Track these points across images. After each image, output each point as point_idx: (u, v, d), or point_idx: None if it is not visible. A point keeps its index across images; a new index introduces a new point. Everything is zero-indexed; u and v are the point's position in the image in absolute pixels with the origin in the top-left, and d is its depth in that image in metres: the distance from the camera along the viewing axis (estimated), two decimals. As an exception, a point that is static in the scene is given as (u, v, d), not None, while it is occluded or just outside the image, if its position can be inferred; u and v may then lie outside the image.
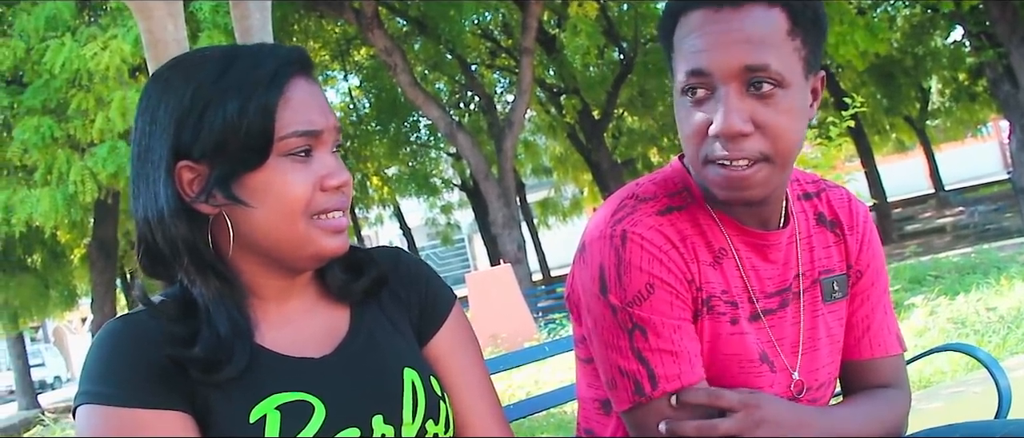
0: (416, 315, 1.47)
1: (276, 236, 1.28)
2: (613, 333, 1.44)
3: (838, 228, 1.62)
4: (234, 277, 1.30)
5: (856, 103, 8.05)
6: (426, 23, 17.05)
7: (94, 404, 1.21)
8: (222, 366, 1.23)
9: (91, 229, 17.04)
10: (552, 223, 28.24)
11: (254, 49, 1.31)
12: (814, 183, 1.67)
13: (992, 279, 7.57)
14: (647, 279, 1.43)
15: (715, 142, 1.38)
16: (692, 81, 1.39)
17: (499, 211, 15.17)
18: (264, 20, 5.77)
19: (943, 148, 32.12)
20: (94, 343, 1.26)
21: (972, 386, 3.51)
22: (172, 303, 1.29)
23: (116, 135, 11.84)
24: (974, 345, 2.26)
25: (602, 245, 1.46)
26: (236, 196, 1.26)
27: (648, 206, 1.49)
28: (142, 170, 1.29)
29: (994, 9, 14.04)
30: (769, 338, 1.53)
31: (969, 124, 29.43)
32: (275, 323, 1.35)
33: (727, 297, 1.49)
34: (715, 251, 1.50)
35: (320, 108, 1.31)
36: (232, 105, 1.24)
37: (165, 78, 1.30)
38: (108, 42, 11.09)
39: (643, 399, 1.42)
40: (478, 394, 1.47)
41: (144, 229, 1.30)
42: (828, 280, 1.59)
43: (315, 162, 1.29)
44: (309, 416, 1.26)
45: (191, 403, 1.24)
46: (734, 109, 1.35)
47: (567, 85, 19.79)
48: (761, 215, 1.51)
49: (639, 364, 1.42)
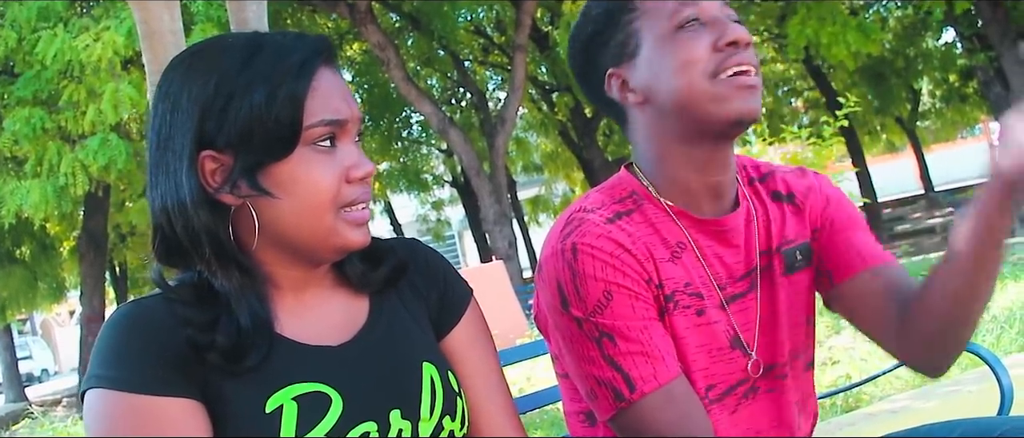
0: (434, 308, 1.46)
1: (302, 228, 1.26)
2: (583, 345, 1.45)
3: (797, 199, 1.63)
4: (255, 268, 1.28)
5: (850, 103, 8.08)
6: (419, 19, 17.04)
7: (103, 388, 1.18)
8: (243, 356, 1.21)
9: (81, 221, 16.99)
10: (543, 220, 28.27)
11: (279, 37, 1.28)
12: (763, 167, 1.70)
13: (984, 279, 7.57)
14: (603, 287, 1.44)
15: (726, 54, 1.46)
16: (688, 13, 1.48)
17: (491, 208, 15.17)
18: (260, 13, 5.74)
19: (933, 149, 32.24)
20: (106, 326, 1.23)
21: (968, 385, 3.52)
22: (188, 288, 1.27)
23: (107, 127, 11.81)
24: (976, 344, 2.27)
25: (555, 261, 1.48)
26: (262, 187, 1.23)
27: (595, 216, 1.51)
28: (162, 159, 1.26)
29: (986, 11, 14.10)
30: (741, 322, 1.55)
31: (959, 125, 29.56)
32: (293, 312, 1.33)
33: (691, 289, 1.51)
34: (672, 246, 1.52)
35: (344, 97, 1.29)
36: (259, 94, 1.22)
37: (187, 65, 1.27)
38: (100, 34, 11.05)
39: (624, 404, 1.43)
40: (493, 390, 1.45)
41: (162, 219, 1.27)
42: (790, 251, 1.59)
43: (340, 153, 1.27)
44: (326, 408, 1.24)
45: (204, 391, 1.21)
46: (739, 23, 1.48)
47: (559, 82, 19.78)
48: (721, 189, 1.54)
49: (613, 371, 1.43)
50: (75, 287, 21.53)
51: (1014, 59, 14.02)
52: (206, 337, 1.21)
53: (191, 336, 1.20)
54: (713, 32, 1.46)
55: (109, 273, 21.24)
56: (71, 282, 22.26)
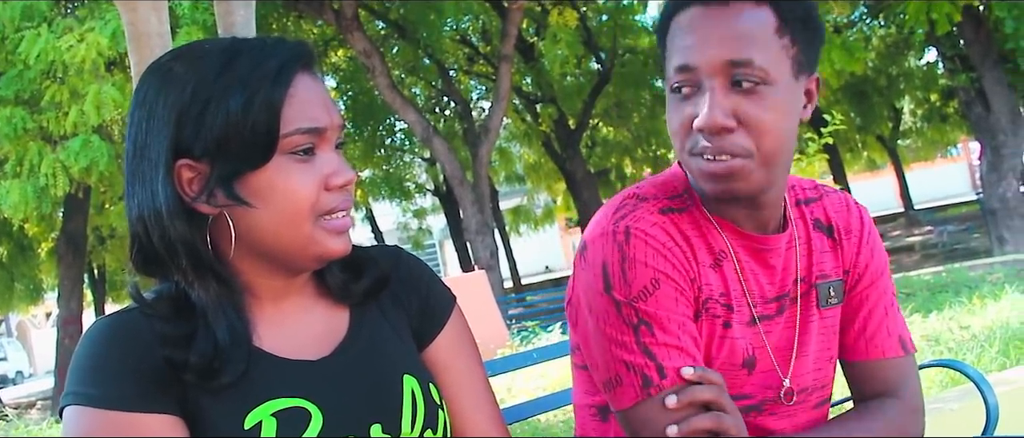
0: (416, 318, 1.44)
1: (280, 237, 1.24)
2: (618, 329, 1.42)
3: (835, 233, 1.62)
4: (233, 278, 1.26)
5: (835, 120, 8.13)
6: (405, 27, 17.02)
7: (81, 406, 1.17)
8: (219, 374, 1.19)
9: (60, 223, 16.85)
10: (524, 231, 28.26)
11: (258, 43, 1.26)
12: (813, 189, 1.68)
13: (964, 298, 7.64)
14: (652, 274, 1.42)
15: (699, 136, 1.40)
16: (679, 77, 1.42)
17: (473, 217, 15.14)
18: (248, 17, 5.71)
19: (913, 167, 32.44)
20: (83, 341, 1.21)
21: (949, 403, 3.53)
22: (166, 301, 1.25)
23: (90, 129, 11.71)
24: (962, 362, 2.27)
25: (604, 242, 1.45)
26: (239, 196, 1.21)
27: (649, 205, 1.50)
28: (138, 167, 1.24)
29: (968, 32, 14.19)
30: (763, 343, 1.53)
31: (939, 145, 29.80)
32: (272, 323, 1.31)
33: (724, 300, 1.49)
34: (715, 253, 1.50)
35: (324, 104, 1.27)
36: (235, 101, 1.19)
37: (164, 71, 1.25)
38: (85, 35, 10.95)
39: (652, 390, 1.39)
40: (478, 399, 1.44)
41: (139, 228, 1.25)
42: (824, 285, 1.58)
43: (319, 160, 1.25)
44: (306, 423, 1.22)
45: (183, 406, 1.19)
46: (717, 104, 1.37)
47: (544, 93, 19.80)
48: (759, 219, 1.51)
49: (646, 358, 1.40)
50: (52, 289, 21.37)
51: (995, 80, 14.12)
52: (182, 355, 1.19)
53: (167, 355, 1.19)
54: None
55: (87, 275, 21.07)
56: (49, 284, 22.10)
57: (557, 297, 16.43)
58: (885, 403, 1.58)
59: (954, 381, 4.36)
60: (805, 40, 1.43)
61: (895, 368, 1.60)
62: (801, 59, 1.43)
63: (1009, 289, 7.45)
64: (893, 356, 1.60)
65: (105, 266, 21.83)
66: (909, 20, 12.86)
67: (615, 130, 23.07)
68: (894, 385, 1.59)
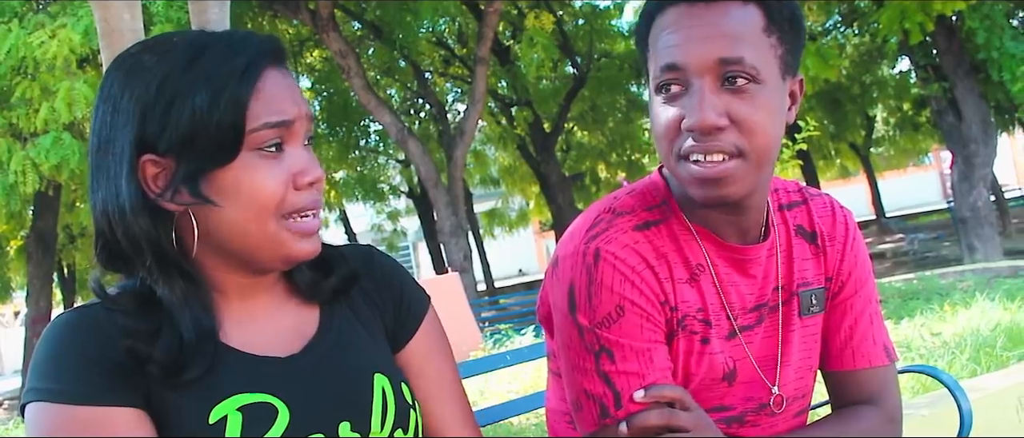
0: (390, 318, 1.42)
1: (245, 237, 1.22)
2: (579, 354, 1.41)
3: (819, 240, 1.59)
4: (199, 275, 1.24)
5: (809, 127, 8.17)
6: (381, 28, 16.97)
7: (43, 402, 1.14)
8: (183, 370, 1.17)
9: (30, 221, 16.68)
10: (498, 234, 28.23)
11: (225, 37, 1.23)
12: (797, 192, 1.64)
13: (935, 305, 7.69)
14: (617, 301, 1.40)
15: (689, 137, 1.36)
16: (666, 76, 1.38)
17: (447, 219, 15.10)
18: (222, 16, 5.67)
19: (885, 176, 32.71)
20: (44, 337, 1.19)
21: (920, 408, 3.54)
22: (130, 296, 1.22)
23: (61, 126, 11.60)
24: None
25: (574, 262, 1.43)
26: (204, 195, 1.19)
27: (625, 221, 1.46)
28: (102, 162, 1.21)
29: (941, 42, 14.31)
30: (744, 354, 1.51)
31: (911, 153, 30.02)
32: (239, 321, 1.28)
33: (702, 315, 1.47)
34: (692, 268, 1.47)
35: (292, 97, 1.24)
36: (201, 97, 1.17)
37: (129, 64, 1.22)
38: (56, 31, 10.83)
39: (608, 420, 1.39)
40: (451, 401, 1.43)
41: (103, 224, 1.22)
42: (806, 293, 1.56)
43: (288, 157, 1.23)
44: (272, 419, 1.20)
45: (147, 399, 1.17)
46: (708, 102, 1.33)
47: (519, 97, 19.80)
48: (741, 225, 1.48)
49: (605, 386, 1.39)
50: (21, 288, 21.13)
51: (967, 89, 14.24)
52: (146, 348, 1.16)
53: (131, 346, 1.16)
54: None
55: (57, 274, 20.87)
56: (17, 282, 21.86)
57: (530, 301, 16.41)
58: (865, 410, 1.57)
59: (925, 387, 4.38)
60: (791, 40, 1.41)
61: (878, 377, 1.59)
62: (787, 59, 1.41)
63: (979, 297, 7.49)
64: (879, 365, 1.59)
65: (75, 265, 21.64)
66: (883, 29, 12.96)
67: (590, 134, 23.10)
68: (876, 393, 1.58)
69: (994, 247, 14.27)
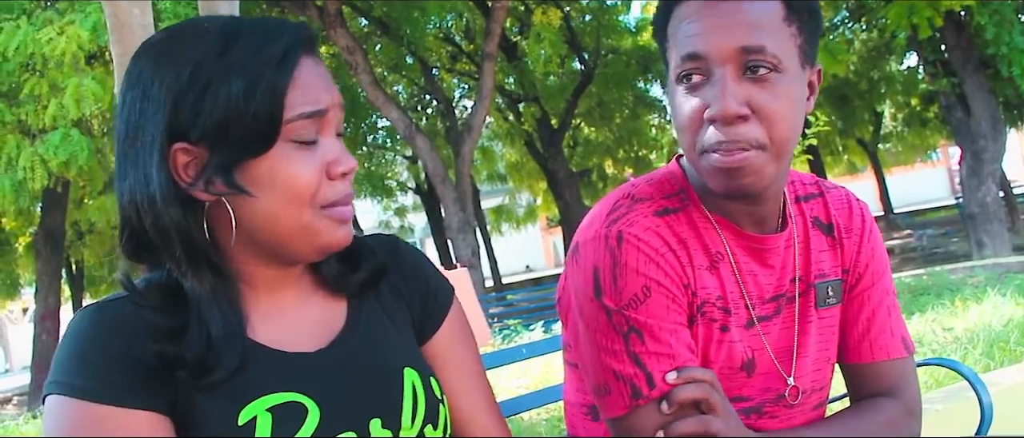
0: (417, 310, 1.40)
1: (280, 227, 1.19)
2: (607, 336, 1.39)
3: (835, 232, 1.59)
4: (228, 268, 1.21)
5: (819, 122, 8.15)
6: (389, 24, 16.97)
7: (65, 396, 1.12)
8: (211, 370, 1.14)
9: (38, 217, 16.72)
10: (505, 230, 28.25)
11: (258, 24, 1.20)
12: (813, 185, 1.64)
13: (946, 300, 7.67)
14: (643, 282, 1.38)
15: (711, 128, 1.35)
16: (687, 66, 1.37)
17: (454, 215, 15.10)
18: (231, 12, 5.68)
19: (893, 172, 32.66)
20: (70, 329, 1.16)
21: (934, 403, 3.53)
22: (157, 291, 1.19)
23: (69, 122, 11.63)
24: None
25: (597, 246, 1.42)
26: (239, 184, 1.16)
27: (644, 206, 1.46)
28: (131, 150, 1.18)
29: (950, 38, 14.27)
30: (762, 345, 1.50)
31: (919, 149, 29.96)
32: (267, 314, 1.25)
33: (721, 303, 1.46)
34: (712, 255, 1.46)
35: (326, 86, 1.22)
36: (237, 85, 1.13)
37: (159, 50, 1.18)
38: (65, 27, 10.86)
39: (641, 401, 1.37)
40: (477, 393, 1.40)
41: (131, 213, 1.19)
42: (822, 285, 1.56)
43: (321, 148, 1.20)
44: (302, 418, 1.17)
45: (172, 402, 1.14)
46: (730, 91, 1.32)
47: (527, 93, 19.79)
48: (759, 215, 1.48)
49: (636, 367, 1.37)
50: (30, 284, 21.22)
51: (976, 85, 14.20)
52: (174, 349, 1.14)
53: (159, 350, 1.14)
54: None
55: (65, 271, 20.91)
56: (26, 279, 21.93)
57: (537, 297, 16.43)
58: (884, 402, 1.56)
59: (937, 382, 4.36)
60: (810, 30, 1.40)
61: (897, 369, 1.58)
62: (806, 49, 1.40)
63: (991, 292, 7.48)
64: (897, 357, 1.58)
65: (83, 261, 21.68)
66: (891, 24, 12.92)
67: (597, 130, 23.09)
68: (895, 386, 1.57)
69: (1003, 243, 14.24)
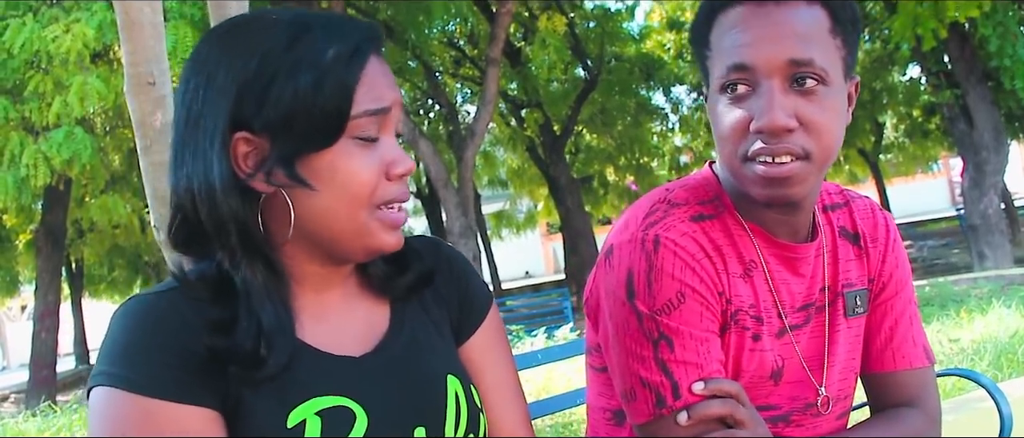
0: (455, 314, 1.38)
1: (335, 224, 1.18)
2: (637, 342, 1.39)
3: (861, 241, 1.59)
4: (280, 263, 1.20)
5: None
6: (393, 28, 16.97)
7: (113, 387, 1.09)
8: (264, 363, 1.12)
9: (40, 215, 16.70)
10: (506, 235, 28.23)
11: (327, 19, 1.20)
12: (839, 194, 1.64)
13: (951, 311, 7.67)
14: (678, 287, 1.38)
15: (756, 139, 1.35)
16: (733, 76, 1.36)
17: (456, 220, 15.09)
18: (241, 11, 5.67)
19: (894, 182, 32.65)
20: (120, 318, 1.13)
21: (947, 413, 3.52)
22: (205, 283, 1.18)
23: (73, 120, 11.61)
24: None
25: (632, 249, 1.41)
26: (301, 176, 1.15)
27: (681, 212, 1.45)
28: (191, 136, 1.17)
29: (954, 49, 14.29)
30: (793, 353, 1.50)
31: (920, 160, 29.92)
32: (313, 314, 1.24)
33: (754, 311, 1.46)
34: (746, 263, 1.46)
35: (389, 84, 1.21)
36: (305, 79, 1.13)
37: (227, 38, 1.18)
38: (70, 25, 10.84)
39: (664, 411, 1.36)
40: (512, 399, 1.39)
41: (186, 201, 1.17)
42: (851, 294, 1.56)
43: (382, 147, 1.20)
44: (351, 425, 1.16)
45: (223, 400, 1.12)
46: (778, 104, 1.32)
47: (530, 98, 19.78)
48: (793, 225, 1.48)
49: (663, 375, 1.37)
50: (29, 282, 21.18)
51: (979, 97, 14.22)
52: (225, 340, 1.12)
53: (210, 343, 1.12)
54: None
55: (65, 269, 20.90)
56: (25, 276, 21.89)
57: (538, 303, 16.42)
58: (907, 412, 1.56)
59: (945, 392, 4.36)
60: (853, 42, 1.40)
61: (918, 379, 1.59)
62: (849, 60, 1.40)
63: (995, 303, 7.48)
64: (919, 366, 1.59)
65: (83, 260, 21.67)
66: (895, 36, 12.94)
67: (599, 137, 23.08)
68: (916, 396, 1.57)
69: (1004, 255, 14.25)
